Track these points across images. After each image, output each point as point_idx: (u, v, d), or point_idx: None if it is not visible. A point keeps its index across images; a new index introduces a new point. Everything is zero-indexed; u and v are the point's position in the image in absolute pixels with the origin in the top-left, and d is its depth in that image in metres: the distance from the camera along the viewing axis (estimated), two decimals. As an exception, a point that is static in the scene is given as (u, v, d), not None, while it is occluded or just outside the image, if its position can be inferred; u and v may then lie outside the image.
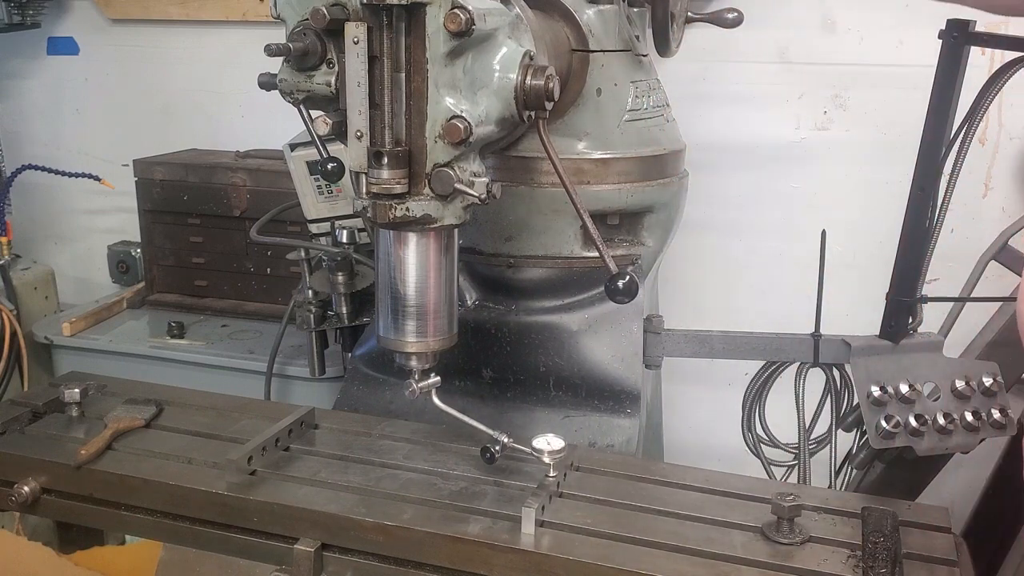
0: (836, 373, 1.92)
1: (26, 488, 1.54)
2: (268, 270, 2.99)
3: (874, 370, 1.77)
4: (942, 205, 1.79)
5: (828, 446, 1.92)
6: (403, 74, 1.26)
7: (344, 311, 2.12)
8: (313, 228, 2.28)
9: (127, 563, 1.73)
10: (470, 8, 1.22)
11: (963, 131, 1.72)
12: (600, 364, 1.80)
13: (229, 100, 3.23)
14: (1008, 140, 2.65)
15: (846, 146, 2.74)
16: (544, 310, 1.84)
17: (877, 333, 1.84)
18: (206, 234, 3.03)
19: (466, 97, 1.30)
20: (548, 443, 1.43)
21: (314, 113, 1.37)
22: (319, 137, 1.37)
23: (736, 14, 1.85)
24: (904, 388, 1.72)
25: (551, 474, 1.43)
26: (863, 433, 1.90)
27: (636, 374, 1.80)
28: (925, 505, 1.53)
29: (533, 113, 1.36)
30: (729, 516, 1.41)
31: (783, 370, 1.95)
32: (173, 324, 2.83)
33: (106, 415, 1.67)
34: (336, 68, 1.30)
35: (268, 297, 3.01)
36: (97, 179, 3.13)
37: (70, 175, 3.12)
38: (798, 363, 1.92)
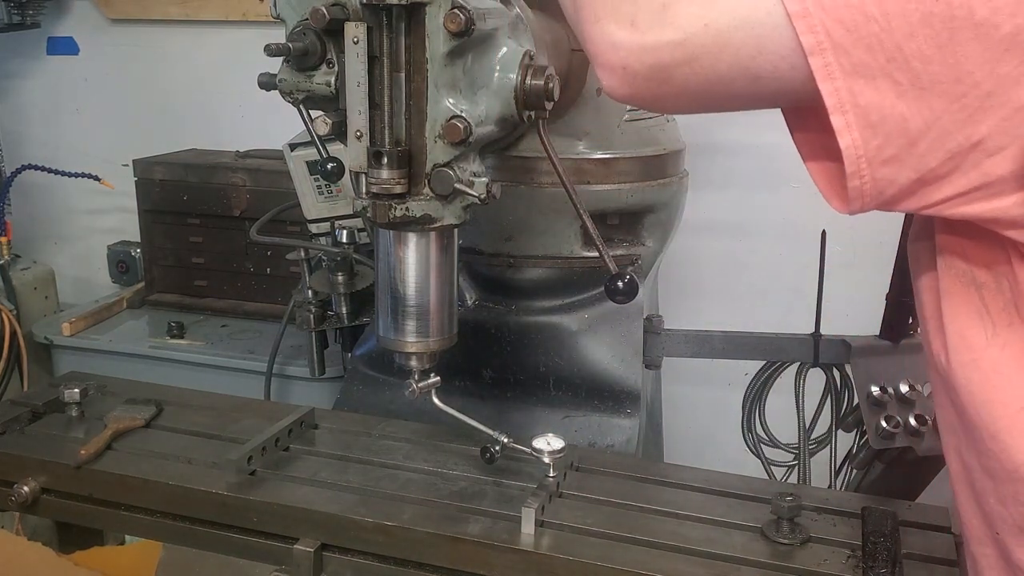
0: (836, 373, 1.92)
1: (26, 488, 1.54)
2: (268, 270, 2.99)
3: (874, 370, 1.77)
4: (942, 205, 1.78)
5: (828, 446, 1.92)
6: (403, 74, 1.26)
7: (344, 311, 2.11)
8: (313, 228, 2.27)
9: (127, 563, 1.73)
10: (470, 8, 1.22)
11: (963, 131, 1.72)
12: (600, 364, 1.80)
13: (229, 100, 3.23)
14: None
15: (846, 146, 2.73)
16: (544, 310, 1.84)
17: (877, 333, 1.84)
18: (206, 234, 3.02)
19: (466, 97, 1.30)
20: (548, 443, 1.43)
21: (314, 113, 1.36)
22: (319, 137, 1.37)
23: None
24: (904, 388, 1.73)
25: (551, 474, 1.43)
26: (863, 433, 1.90)
27: (636, 374, 1.80)
28: (925, 505, 1.53)
29: (533, 113, 1.36)
30: (729, 516, 1.41)
31: (783, 370, 1.95)
32: (173, 324, 2.83)
33: (106, 415, 1.66)
34: (336, 68, 1.30)
35: (268, 297, 3.00)
36: (97, 179, 3.12)
37: (70, 175, 3.12)
38: (798, 363, 1.92)
